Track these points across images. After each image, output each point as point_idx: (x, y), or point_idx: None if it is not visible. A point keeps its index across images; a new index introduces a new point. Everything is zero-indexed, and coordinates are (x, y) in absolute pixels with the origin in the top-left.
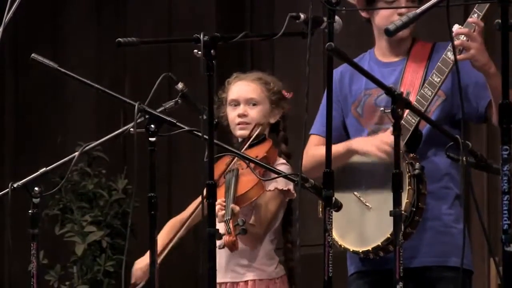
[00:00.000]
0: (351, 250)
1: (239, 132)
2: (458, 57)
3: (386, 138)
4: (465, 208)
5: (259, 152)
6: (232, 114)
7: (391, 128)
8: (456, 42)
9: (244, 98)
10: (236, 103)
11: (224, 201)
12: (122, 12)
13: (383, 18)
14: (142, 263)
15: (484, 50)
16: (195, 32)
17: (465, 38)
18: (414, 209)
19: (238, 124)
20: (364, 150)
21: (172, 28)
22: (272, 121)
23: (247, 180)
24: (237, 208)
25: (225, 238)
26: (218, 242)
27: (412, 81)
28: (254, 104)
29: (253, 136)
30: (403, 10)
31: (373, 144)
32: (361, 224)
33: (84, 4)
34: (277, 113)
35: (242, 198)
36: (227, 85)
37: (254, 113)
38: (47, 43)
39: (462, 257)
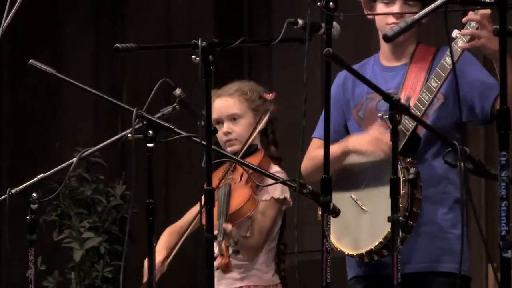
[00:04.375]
0: (347, 253)
1: (229, 149)
2: (468, 44)
3: (379, 135)
4: (463, 214)
5: (251, 163)
6: (218, 133)
7: (379, 122)
8: (466, 31)
9: (226, 115)
10: (218, 121)
11: (217, 220)
12: (120, 18)
13: (380, 19)
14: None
15: (494, 38)
16: (193, 38)
17: (474, 25)
18: (408, 213)
19: (226, 141)
20: (359, 149)
21: (170, 34)
22: (261, 127)
23: (239, 195)
24: (229, 227)
25: (218, 260)
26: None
27: (413, 86)
28: (236, 119)
29: (244, 148)
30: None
31: (367, 142)
32: (356, 227)
33: (82, 10)
34: (263, 118)
35: (236, 215)
36: None
37: (238, 128)
38: (45, 49)
39: (460, 262)
